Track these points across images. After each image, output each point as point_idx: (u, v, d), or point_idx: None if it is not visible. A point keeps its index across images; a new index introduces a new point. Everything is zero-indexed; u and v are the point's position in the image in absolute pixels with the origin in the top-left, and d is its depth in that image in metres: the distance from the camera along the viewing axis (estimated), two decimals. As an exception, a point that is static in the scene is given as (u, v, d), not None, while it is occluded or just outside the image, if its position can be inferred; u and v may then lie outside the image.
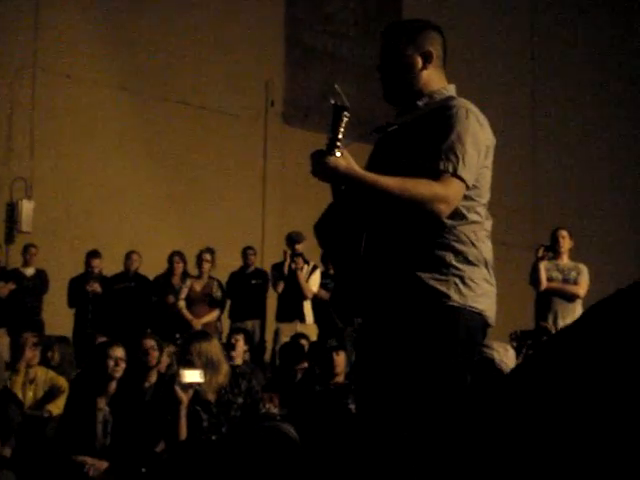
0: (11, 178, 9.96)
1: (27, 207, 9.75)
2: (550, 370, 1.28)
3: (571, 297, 7.29)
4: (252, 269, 9.17)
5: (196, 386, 4.60)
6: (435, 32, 2.79)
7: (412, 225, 2.59)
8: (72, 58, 10.49)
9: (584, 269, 7.37)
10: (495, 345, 4.15)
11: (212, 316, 8.54)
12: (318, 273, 8.46)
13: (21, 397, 5.88)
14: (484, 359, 3.93)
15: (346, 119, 2.46)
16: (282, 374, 6.76)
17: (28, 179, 9.98)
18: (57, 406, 5.81)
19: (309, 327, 8.24)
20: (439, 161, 2.55)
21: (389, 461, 2.50)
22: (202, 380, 4.58)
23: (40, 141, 10.18)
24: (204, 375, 4.60)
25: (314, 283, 8.41)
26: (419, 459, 2.43)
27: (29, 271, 8.93)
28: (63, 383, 6.12)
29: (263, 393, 5.33)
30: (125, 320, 8.25)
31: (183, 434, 4.53)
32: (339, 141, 2.47)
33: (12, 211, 9.75)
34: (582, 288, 7.30)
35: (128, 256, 8.91)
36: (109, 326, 8.00)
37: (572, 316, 7.26)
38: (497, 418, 1.41)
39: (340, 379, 5.59)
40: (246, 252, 9.18)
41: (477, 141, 2.60)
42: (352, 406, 5.20)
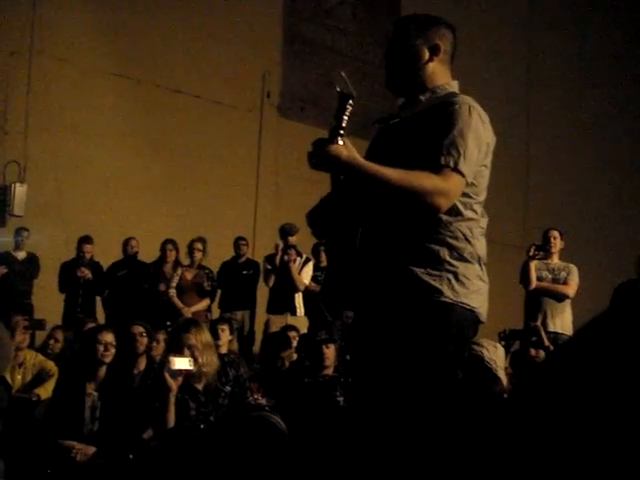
0: (4, 161, 9.93)
1: (20, 191, 9.71)
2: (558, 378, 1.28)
3: (560, 297, 7.31)
4: (244, 259, 9.16)
5: (185, 373, 4.60)
6: (447, 29, 2.79)
7: (408, 219, 2.59)
8: (69, 43, 10.47)
9: (574, 269, 7.39)
10: (484, 343, 4.17)
11: (202, 305, 8.54)
12: (310, 266, 8.46)
13: (9, 380, 5.87)
14: (473, 356, 3.96)
15: (350, 107, 2.44)
16: (264, 363, 6.76)
17: (21, 162, 9.96)
18: (46, 390, 5.82)
19: (300, 320, 8.22)
20: (440, 155, 2.54)
21: (379, 456, 2.51)
22: (191, 367, 4.58)
23: (34, 125, 10.16)
24: (193, 363, 4.61)
25: (306, 276, 8.40)
26: (409, 454, 2.44)
27: (20, 255, 8.93)
28: (52, 367, 6.13)
29: (251, 383, 5.34)
30: (118, 306, 8.26)
31: (171, 422, 4.52)
32: (342, 129, 2.45)
33: (5, 194, 9.71)
34: (572, 288, 7.33)
35: (127, 242, 8.92)
36: (112, 313, 8.02)
37: (561, 316, 7.30)
38: (496, 421, 1.42)
39: (329, 372, 5.61)
40: (238, 242, 9.17)
41: (478, 138, 2.60)
42: (340, 399, 5.23)
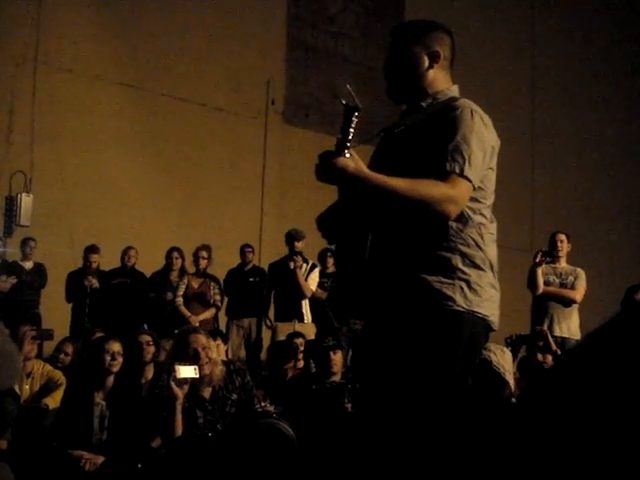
0: (10, 172, 9.96)
1: (26, 201, 9.73)
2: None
3: (568, 302, 7.28)
4: (250, 267, 9.15)
5: (190, 381, 4.60)
6: (445, 34, 2.78)
7: (418, 227, 2.57)
8: (73, 53, 10.52)
9: (582, 274, 7.35)
10: (492, 347, 4.17)
11: (209, 313, 8.54)
12: (317, 272, 8.44)
13: (18, 390, 5.87)
14: (481, 361, 3.96)
15: (356, 120, 2.44)
16: (270, 371, 6.76)
17: (28, 173, 9.99)
18: (54, 399, 5.81)
19: (307, 327, 8.18)
20: (445, 162, 2.52)
21: (389, 463, 2.51)
22: (197, 375, 4.58)
23: (40, 135, 10.19)
24: (199, 371, 4.61)
25: (312, 282, 8.38)
26: (419, 461, 2.44)
27: (28, 265, 8.96)
28: (60, 377, 6.13)
29: (257, 390, 5.34)
30: (122, 315, 8.25)
31: (179, 430, 4.53)
32: (349, 142, 2.45)
33: (11, 205, 9.73)
34: (579, 293, 7.29)
35: (125, 252, 8.92)
36: (106, 321, 7.99)
37: (568, 321, 7.27)
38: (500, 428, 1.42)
39: (337, 378, 5.59)
40: (244, 250, 9.18)
41: (482, 141, 2.58)
42: (348, 405, 5.22)
